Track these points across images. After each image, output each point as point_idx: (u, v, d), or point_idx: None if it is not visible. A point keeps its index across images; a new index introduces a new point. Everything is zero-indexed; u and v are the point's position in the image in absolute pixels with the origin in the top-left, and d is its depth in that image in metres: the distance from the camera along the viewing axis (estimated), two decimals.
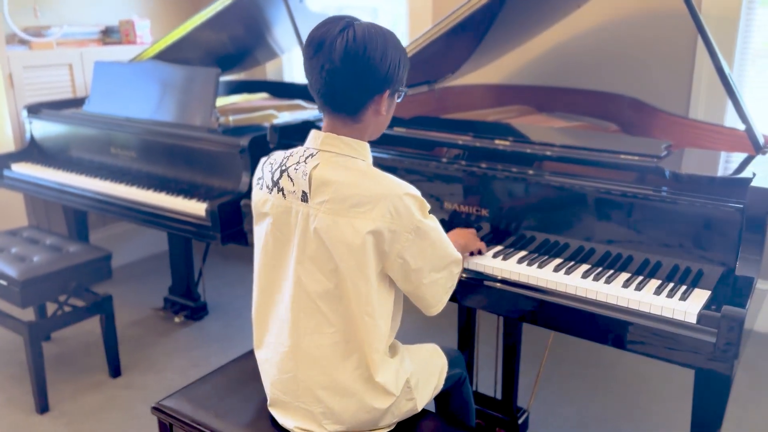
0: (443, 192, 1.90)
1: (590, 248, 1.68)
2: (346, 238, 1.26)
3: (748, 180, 1.44)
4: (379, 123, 1.37)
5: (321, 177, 1.29)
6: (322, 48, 1.25)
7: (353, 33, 1.24)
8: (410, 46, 2.26)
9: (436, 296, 1.38)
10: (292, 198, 1.33)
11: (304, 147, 1.37)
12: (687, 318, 1.40)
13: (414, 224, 1.27)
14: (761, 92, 2.68)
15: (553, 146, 1.81)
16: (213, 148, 2.44)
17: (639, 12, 2.79)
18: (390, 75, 1.29)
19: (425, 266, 1.32)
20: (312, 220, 1.29)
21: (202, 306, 3.06)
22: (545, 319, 1.62)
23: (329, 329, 1.33)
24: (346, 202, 1.26)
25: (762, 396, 2.38)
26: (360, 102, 1.30)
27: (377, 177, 1.30)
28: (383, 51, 1.26)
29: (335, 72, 1.25)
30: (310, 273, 1.31)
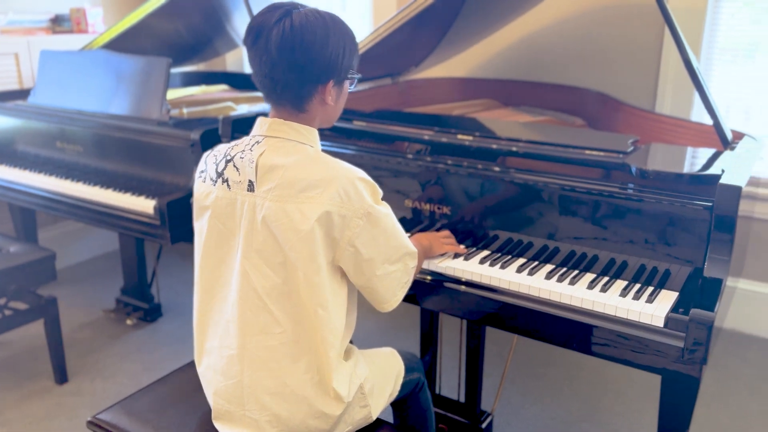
0: (404, 188, 1.81)
1: (555, 247, 1.61)
2: (295, 225, 1.18)
3: (716, 177, 1.38)
4: (328, 112, 1.31)
5: (267, 163, 1.22)
6: (259, 38, 1.20)
7: (290, 22, 1.18)
8: (370, 37, 2.17)
9: (390, 290, 1.31)
10: (237, 188, 1.24)
11: (251, 135, 1.30)
12: (654, 321, 1.34)
13: (365, 209, 1.21)
14: (728, 86, 2.66)
15: (516, 141, 1.73)
16: (163, 142, 2.31)
17: (605, 5, 2.74)
18: (333, 63, 1.23)
19: (377, 256, 1.25)
20: (259, 209, 1.21)
21: (156, 307, 2.93)
22: (508, 323, 1.54)
23: (277, 329, 1.24)
24: (294, 187, 1.19)
25: (730, 395, 2.36)
26: (303, 93, 1.24)
27: (327, 161, 1.24)
28: (323, 39, 1.20)
29: (274, 63, 1.20)
30: (257, 267, 1.23)
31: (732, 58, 2.61)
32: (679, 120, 2.02)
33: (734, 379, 2.45)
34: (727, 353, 2.62)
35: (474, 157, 1.72)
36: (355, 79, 1.32)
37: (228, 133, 2.06)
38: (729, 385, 2.42)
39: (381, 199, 1.27)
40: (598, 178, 1.55)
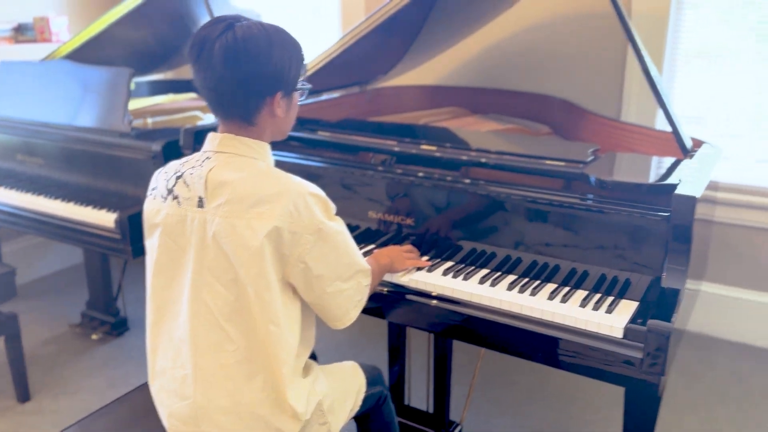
0: (367, 199, 1.80)
1: (517, 257, 1.61)
2: (245, 242, 1.16)
3: (673, 187, 1.38)
4: (279, 125, 1.30)
5: (217, 179, 1.20)
6: (202, 52, 1.18)
7: (233, 35, 1.17)
8: (337, 45, 2.15)
9: (342, 308, 1.30)
10: (187, 205, 1.22)
11: (201, 151, 1.28)
12: (613, 333, 1.34)
13: (316, 225, 1.19)
14: (692, 91, 2.68)
15: (479, 152, 1.73)
16: (125, 154, 2.27)
17: (570, 13, 2.76)
18: (279, 75, 1.22)
19: (328, 273, 1.24)
20: (209, 226, 1.19)
21: (122, 321, 2.87)
22: (471, 336, 1.53)
23: (231, 347, 1.22)
24: (243, 202, 1.17)
25: (699, 401, 2.37)
26: (250, 106, 1.23)
27: (278, 176, 1.22)
28: (268, 51, 1.19)
29: (219, 77, 1.18)
30: (208, 284, 1.21)
31: (696, 63, 2.64)
32: (642, 128, 2.03)
33: (703, 385, 2.46)
34: (696, 358, 2.64)
35: (436, 168, 1.71)
36: (305, 90, 1.31)
37: (190, 144, 2.03)
38: (697, 390, 2.43)
39: (335, 214, 1.26)
40: (558, 189, 1.55)
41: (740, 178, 2.62)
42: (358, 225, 1.83)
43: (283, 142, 1.99)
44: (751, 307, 2.68)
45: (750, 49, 2.52)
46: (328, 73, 2.25)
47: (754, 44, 2.51)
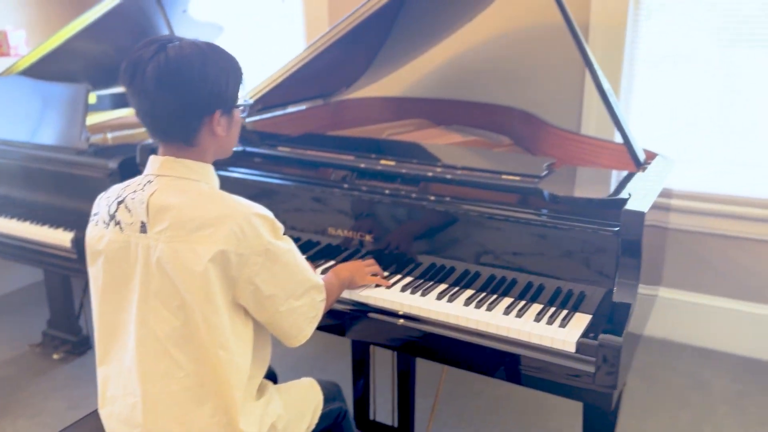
0: (327, 215, 1.79)
1: (475, 272, 1.62)
2: (190, 266, 1.14)
3: (622, 202, 1.40)
4: (221, 143, 1.28)
5: (159, 203, 1.18)
6: (135, 75, 1.16)
7: (165, 56, 1.15)
8: (299, 57, 2.14)
9: (296, 326, 1.29)
10: (130, 231, 1.20)
11: (143, 174, 1.26)
12: (566, 347, 1.35)
13: (263, 246, 1.18)
14: (649, 101, 2.73)
15: (437, 167, 1.73)
16: (82, 172, 2.24)
17: (531, 25, 2.79)
18: (216, 93, 1.21)
19: (280, 292, 1.23)
20: (153, 251, 1.17)
21: (83, 339, 2.82)
22: (431, 352, 1.54)
23: (180, 373, 1.20)
24: (186, 226, 1.15)
25: (661, 406, 2.40)
26: (189, 127, 1.21)
27: (222, 198, 1.21)
28: (202, 69, 1.17)
29: (153, 99, 1.17)
30: (155, 311, 1.19)
31: (656, 70, 2.69)
32: (599, 140, 2.06)
33: (664, 390, 2.50)
34: (658, 363, 2.67)
35: (395, 183, 1.72)
36: (246, 106, 1.30)
37: (146, 160, 2.00)
38: (659, 395, 2.47)
39: (282, 233, 1.25)
40: (514, 204, 1.57)
41: (703, 185, 2.67)
42: (319, 241, 1.83)
43: (243, 157, 1.99)
44: (711, 312, 2.73)
45: (712, 54, 2.56)
46: (292, 85, 2.24)
47: (716, 50, 2.55)
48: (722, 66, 2.57)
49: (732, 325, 2.70)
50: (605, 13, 2.62)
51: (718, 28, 2.54)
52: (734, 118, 2.60)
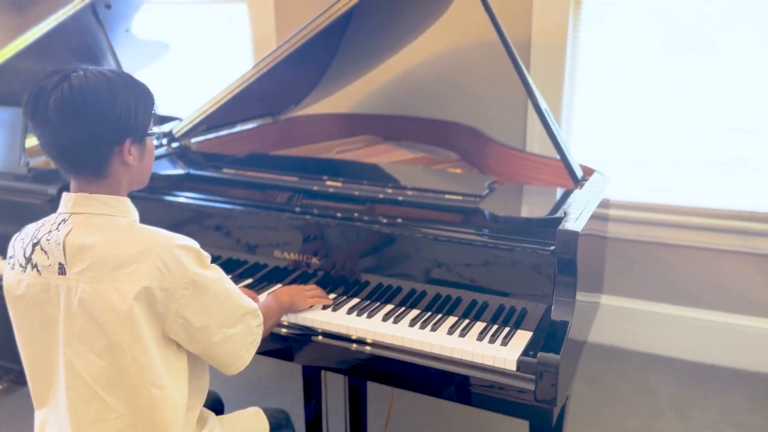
0: (271, 238, 1.79)
1: (421, 291, 1.64)
2: (114, 306, 1.12)
3: (558, 221, 1.44)
4: (135, 173, 1.25)
5: (76, 243, 1.15)
6: (38, 107, 1.13)
7: (68, 86, 1.12)
8: (245, 77, 2.13)
9: (233, 354, 1.26)
10: (48, 273, 1.17)
11: (56, 213, 1.22)
12: (507, 365, 1.38)
13: (189, 278, 1.16)
14: (589, 116, 2.80)
15: (382, 188, 1.75)
16: (21, 198, 2.18)
17: (477, 43, 2.83)
18: (125, 123, 1.18)
19: (212, 322, 1.21)
20: (74, 293, 1.14)
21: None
22: (378, 375, 1.55)
23: (111, 415, 1.18)
24: (107, 265, 1.13)
25: (609, 411, 2.46)
26: (98, 158, 1.18)
27: (142, 233, 1.18)
28: (109, 97, 1.15)
29: (56, 133, 1.13)
30: (80, 354, 1.16)
31: (597, 84, 2.76)
32: (541, 157, 2.10)
33: (613, 396, 2.56)
34: (605, 369, 2.74)
35: (340, 203, 1.73)
36: (157, 135, 1.27)
37: None
38: (608, 402, 2.52)
39: (209, 262, 1.22)
40: (457, 223, 1.59)
41: (645, 194, 2.76)
42: (266, 263, 1.82)
43: (186, 181, 1.97)
44: (655, 318, 2.81)
45: (659, 61, 2.65)
46: (239, 104, 2.23)
47: (663, 57, 2.64)
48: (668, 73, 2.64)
49: (675, 330, 2.78)
50: (546, 29, 2.69)
51: (663, 36, 2.61)
52: (677, 128, 2.70)
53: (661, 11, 2.59)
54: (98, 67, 1.19)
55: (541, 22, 2.69)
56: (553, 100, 2.74)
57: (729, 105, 2.59)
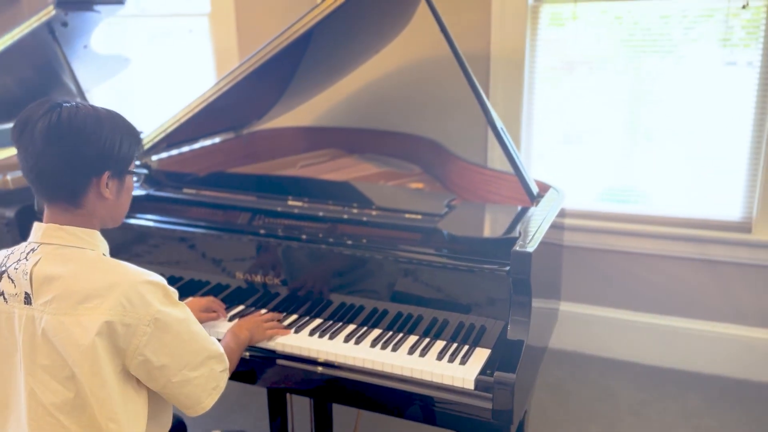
0: (233, 260, 1.80)
1: (383, 310, 1.66)
2: (75, 339, 1.12)
3: (512, 241, 1.48)
4: (109, 208, 1.26)
5: (43, 274, 1.16)
6: (25, 131, 1.16)
7: (58, 114, 1.16)
8: (209, 93, 2.13)
9: (193, 397, 1.26)
10: (14, 301, 1.18)
11: (26, 242, 1.23)
12: (465, 385, 1.41)
13: (152, 315, 1.16)
14: (548, 126, 2.87)
15: (343, 208, 1.77)
16: None
17: (438, 56, 2.87)
18: (108, 153, 1.20)
19: (172, 363, 1.21)
20: (38, 323, 1.15)
21: None
22: (342, 396, 1.57)
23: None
24: (72, 298, 1.13)
25: (571, 418, 2.51)
26: (75, 186, 1.20)
27: (108, 267, 1.19)
28: (95, 128, 1.18)
29: (40, 155, 1.16)
30: (43, 383, 1.16)
31: (552, 99, 2.83)
32: (499, 173, 2.14)
33: (574, 402, 2.62)
34: (567, 376, 2.80)
35: (301, 222, 1.75)
36: (140, 174, 1.29)
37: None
38: (569, 408, 2.58)
39: (176, 299, 1.23)
40: (415, 243, 1.62)
41: (601, 204, 2.83)
42: (228, 284, 1.83)
43: (146, 201, 1.96)
44: (615, 324, 2.88)
45: (620, 63, 2.71)
46: (202, 120, 2.22)
47: (623, 59, 2.70)
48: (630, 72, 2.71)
49: (634, 335, 2.86)
50: (504, 42, 2.74)
51: (624, 39, 2.68)
52: (633, 136, 2.77)
53: (620, 16, 2.66)
54: (91, 104, 1.22)
55: (500, 35, 2.74)
56: (512, 110, 2.79)
57: (680, 117, 2.68)
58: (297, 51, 2.22)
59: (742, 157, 2.61)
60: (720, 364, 2.76)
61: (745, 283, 2.66)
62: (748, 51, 2.54)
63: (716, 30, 2.55)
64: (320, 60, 2.44)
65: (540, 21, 2.73)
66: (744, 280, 2.66)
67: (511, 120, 2.80)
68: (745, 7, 2.43)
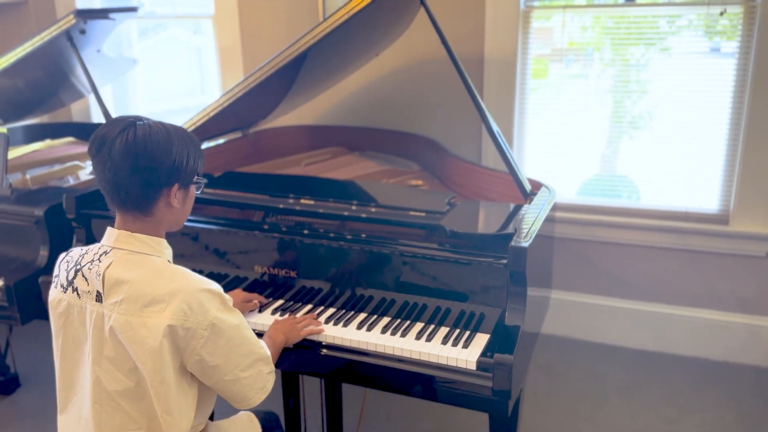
0: (251, 254, 1.94)
1: (391, 299, 1.82)
2: (142, 339, 1.27)
3: (509, 237, 1.64)
4: (176, 215, 1.40)
5: (114, 277, 1.30)
6: (103, 147, 1.29)
7: (134, 131, 1.29)
8: (221, 100, 2.28)
9: (241, 394, 1.40)
10: (86, 298, 1.32)
11: (100, 244, 1.37)
12: (468, 366, 1.57)
13: (209, 321, 1.30)
14: (538, 125, 3.02)
15: (352, 206, 1.93)
16: (6, 220, 2.28)
17: (434, 59, 3.01)
18: (177, 168, 1.34)
19: (224, 364, 1.34)
20: (107, 320, 1.29)
21: (12, 378, 2.84)
22: (355, 378, 1.72)
23: (133, 425, 1.33)
24: (138, 302, 1.27)
25: (561, 399, 2.69)
26: (147, 197, 1.33)
27: (173, 274, 1.32)
28: (166, 146, 1.31)
29: (117, 169, 1.29)
30: (108, 372, 1.31)
31: (540, 101, 2.98)
32: (495, 171, 2.30)
33: (565, 384, 2.80)
34: (559, 359, 2.98)
35: (313, 220, 1.89)
36: (201, 184, 1.43)
37: (72, 209, 2.07)
38: (560, 389, 2.76)
39: (231, 305, 1.36)
40: (419, 238, 1.78)
41: (591, 198, 3.00)
42: (246, 277, 1.97)
43: None
44: (603, 310, 3.06)
45: (606, 54, 2.86)
46: (215, 122, 2.38)
47: (608, 50, 2.86)
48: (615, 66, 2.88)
49: (621, 321, 3.04)
50: (497, 46, 2.89)
51: (611, 29, 2.82)
52: (620, 133, 2.94)
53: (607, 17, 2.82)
54: (159, 120, 1.36)
55: (493, 39, 2.89)
56: (505, 109, 2.95)
57: (662, 114, 2.85)
58: (301, 56, 2.36)
59: (719, 153, 2.79)
60: (700, 347, 2.95)
61: (723, 272, 2.84)
62: (726, 47, 2.70)
63: (699, 24, 2.71)
64: (323, 62, 2.57)
65: (531, 25, 2.88)
66: (722, 268, 2.84)
67: (503, 118, 2.95)
68: (723, 14, 2.59)
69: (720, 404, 2.64)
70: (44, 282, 2.10)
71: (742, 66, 2.64)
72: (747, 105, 2.64)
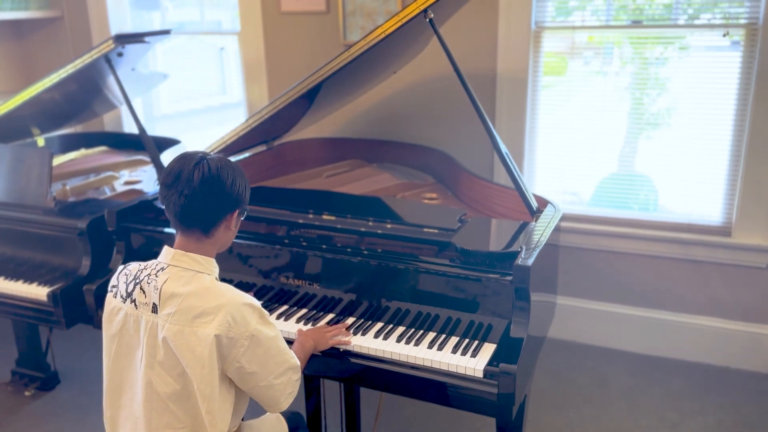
0: (276, 266, 2.10)
1: (405, 309, 1.97)
2: (192, 346, 1.44)
3: (515, 255, 1.79)
4: (228, 237, 1.60)
5: (170, 291, 1.47)
6: (179, 178, 1.48)
7: (207, 165, 1.49)
8: (247, 122, 2.46)
9: (273, 399, 1.57)
10: (143, 309, 1.49)
11: (157, 261, 1.55)
12: (476, 374, 1.73)
13: (249, 332, 1.47)
14: (549, 141, 3.16)
15: (372, 223, 2.09)
16: (51, 232, 2.46)
17: (449, 75, 3.14)
18: (239, 197, 1.55)
19: (260, 371, 1.51)
20: (160, 329, 1.46)
21: (53, 375, 3.03)
22: (371, 383, 1.88)
23: (179, 424, 1.51)
24: (189, 313, 1.45)
25: (567, 402, 2.83)
26: (214, 220, 1.53)
27: (219, 290, 1.50)
28: (233, 178, 1.53)
29: (194, 196, 1.48)
30: (159, 376, 1.48)
31: (550, 117, 3.11)
32: (504, 187, 2.44)
33: (571, 387, 2.94)
34: (565, 363, 3.11)
35: (335, 235, 2.05)
36: (245, 211, 1.61)
37: (113, 222, 2.25)
38: (566, 392, 2.90)
39: (268, 318, 1.53)
40: (432, 254, 1.94)
41: (598, 209, 3.13)
42: (272, 286, 2.14)
43: None
44: (609, 316, 3.19)
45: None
46: (243, 140, 2.55)
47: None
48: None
49: (626, 327, 3.17)
50: (509, 64, 3.02)
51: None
52: (627, 148, 3.06)
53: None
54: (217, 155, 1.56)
55: (505, 57, 3.02)
56: (516, 123, 3.09)
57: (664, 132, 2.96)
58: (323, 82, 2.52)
59: (722, 166, 2.90)
60: (702, 353, 3.07)
61: (725, 281, 2.96)
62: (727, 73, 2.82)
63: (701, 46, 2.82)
64: (344, 83, 2.73)
65: (542, 44, 3.02)
66: (724, 278, 2.96)
67: (515, 132, 3.09)
68: (726, 35, 2.71)
69: (720, 408, 2.76)
70: (87, 290, 2.28)
71: (744, 83, 2.75)
72: (749, 120, 2.75)
